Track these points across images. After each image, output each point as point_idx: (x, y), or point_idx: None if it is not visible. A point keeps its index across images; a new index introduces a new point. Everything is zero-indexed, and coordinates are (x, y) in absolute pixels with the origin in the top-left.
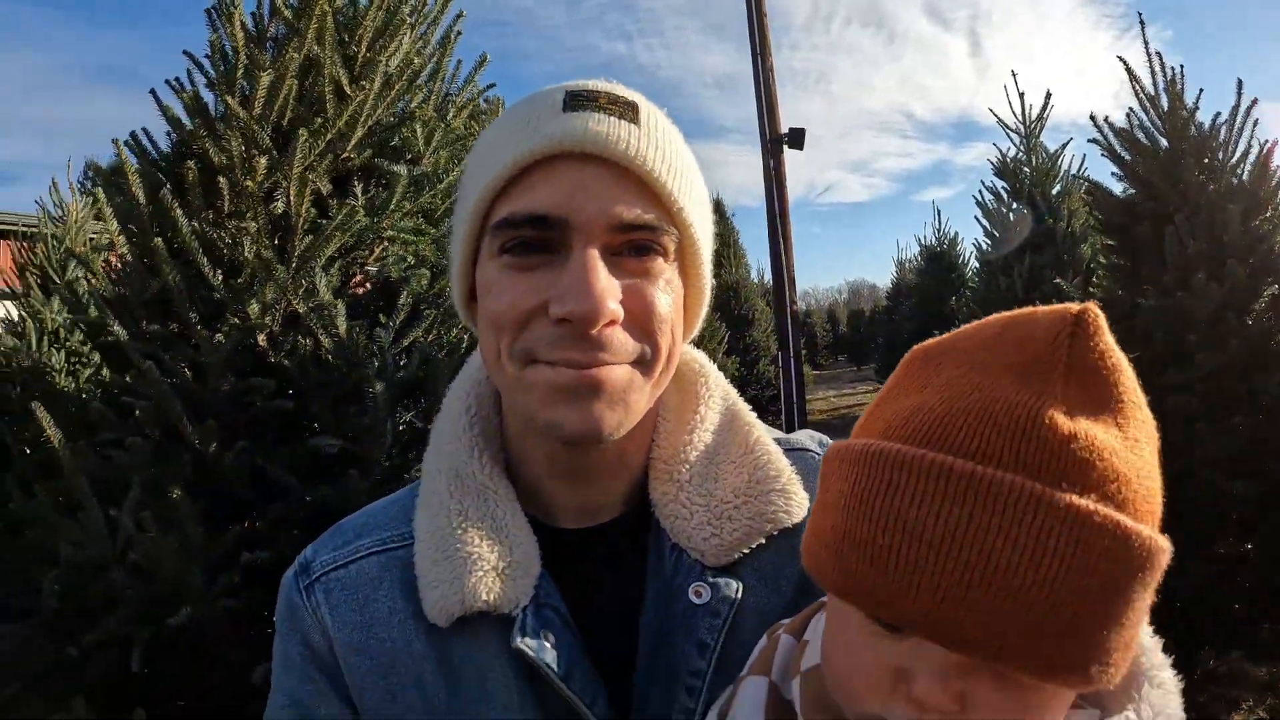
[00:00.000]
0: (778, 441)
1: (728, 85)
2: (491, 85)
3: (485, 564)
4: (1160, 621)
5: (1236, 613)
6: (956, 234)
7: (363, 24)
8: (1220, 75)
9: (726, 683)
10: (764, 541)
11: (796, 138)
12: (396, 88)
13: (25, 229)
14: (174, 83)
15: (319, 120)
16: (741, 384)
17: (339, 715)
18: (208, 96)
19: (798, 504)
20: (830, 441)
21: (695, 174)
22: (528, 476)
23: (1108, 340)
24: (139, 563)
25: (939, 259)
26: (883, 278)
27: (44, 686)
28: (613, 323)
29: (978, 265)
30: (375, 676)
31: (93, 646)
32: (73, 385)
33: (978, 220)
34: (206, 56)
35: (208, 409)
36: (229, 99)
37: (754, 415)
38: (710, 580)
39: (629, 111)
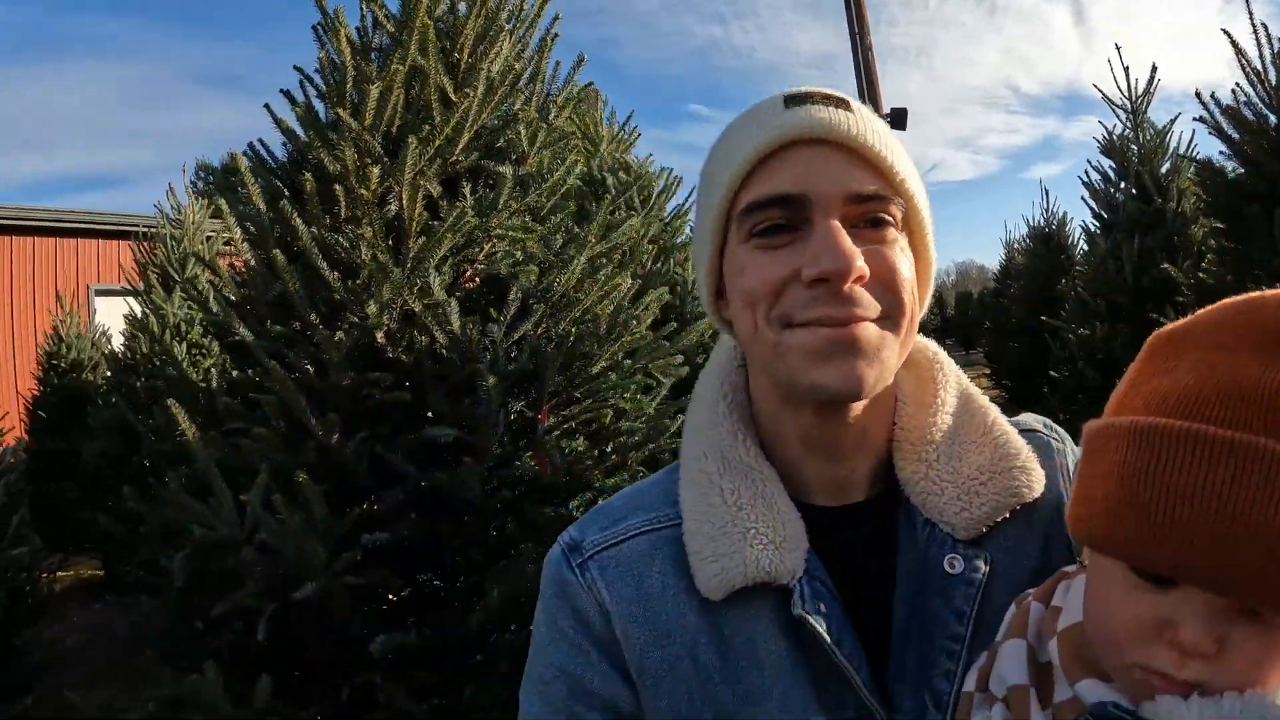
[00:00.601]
0: (1010, 423)
1: (825, 65)
2: (590, 84)
3: (763, 539)
4: None
5: None
6: (1065, 214)
7: (463, 32)
8: None
9: (980, 647)
10: (1007, 516)
11: (899, 118)
12: (500, 92)
13: (145, 229)
14: (287, 94)
15: (427, 127)
16: None
17: (610, 685)
18: (317, 105)
19: (1037, 480)
20: (1051, 423)
21: (907, 155)
22: (783, 456)
23: None
24: (267, 541)
25: (1047, 240)
26: (991, 259)
27: (175, 655)
28: (860, 279)
29: (1085, 248)
30: (653, 647)
31: (221, 618)
32: (194, 375)
33: (1085, 201)
34: (316, 71)
35: (329, 402)
36: (340, 111)
37: (986, 398)
38: (962, 552)
39: (842, 104)
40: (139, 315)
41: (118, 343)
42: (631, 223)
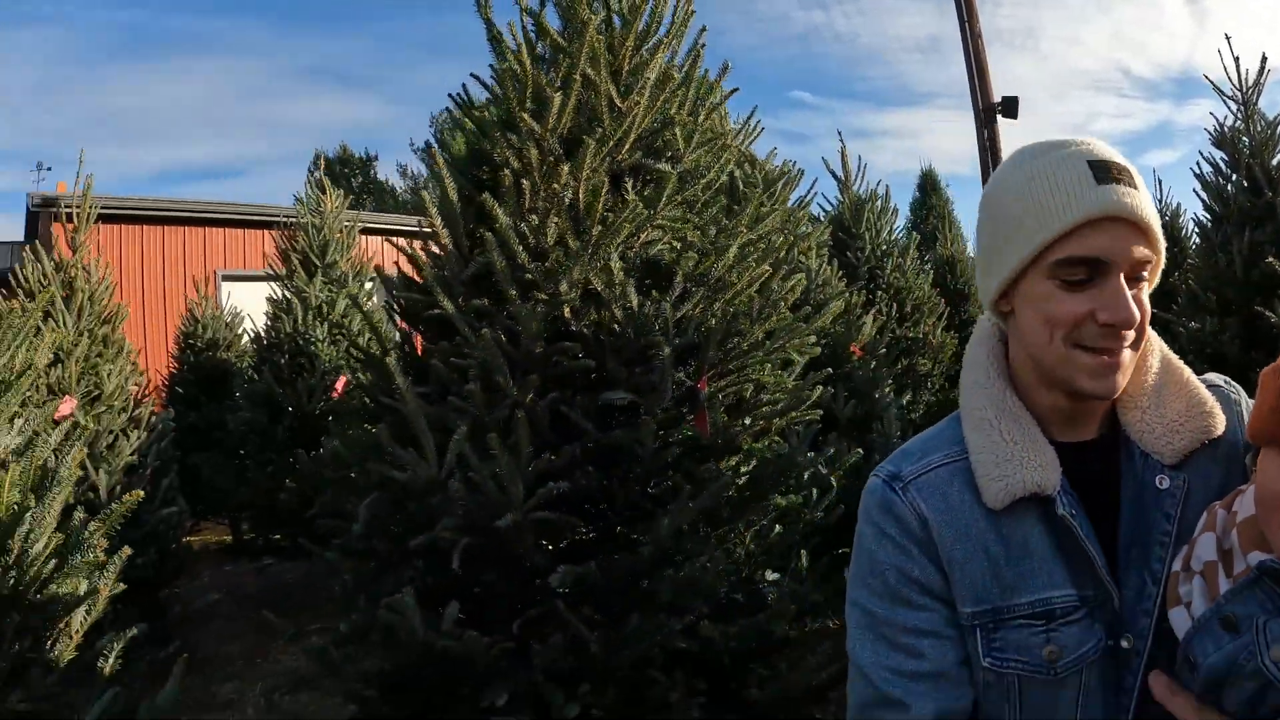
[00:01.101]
0: (1200, 380)
1: (929, 48)
2: (735, 90)
3: (1034, 463)
4: None
5: None
6: (1179, 205)
7: (624, 44)
8: None
9: (1182, 541)
10: (1199, 448)
11: (1010, 106)
12: (661, 99)
13: (287, 219)
14: (458, 98)
15: (599, 130)
16: (956, 358)
17: (927, 573)
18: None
19: (1220, 422)
20: (1230, 380)
21: (1158, 217)
22: (1034, 411)
23: None
24: (472, 478)
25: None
26: None
27: (359, 591)
28: (1132, 327)
29: (1198, 241)
30: (958, 543)
31: (407, 555)
32: (336, 353)
33: (1196, 194)
34: (493, 78)
35: (521, 367)
36: (524, 115)
37: (1180, 361)
38: (1169, 474)
39: (1134, 181)
40: (281, 298)
41: (249, 324)
42: (775, 216)
